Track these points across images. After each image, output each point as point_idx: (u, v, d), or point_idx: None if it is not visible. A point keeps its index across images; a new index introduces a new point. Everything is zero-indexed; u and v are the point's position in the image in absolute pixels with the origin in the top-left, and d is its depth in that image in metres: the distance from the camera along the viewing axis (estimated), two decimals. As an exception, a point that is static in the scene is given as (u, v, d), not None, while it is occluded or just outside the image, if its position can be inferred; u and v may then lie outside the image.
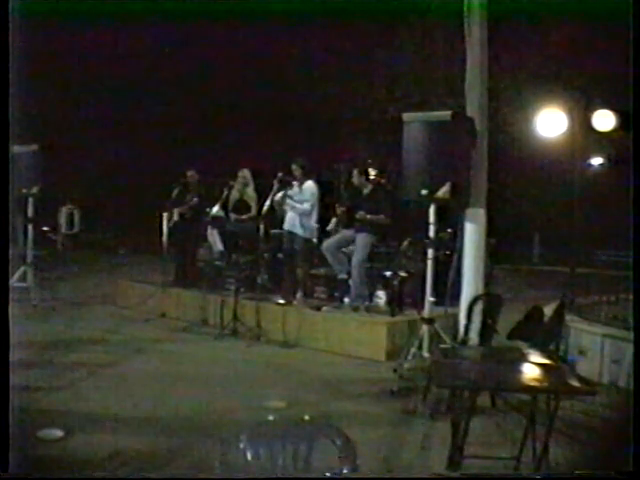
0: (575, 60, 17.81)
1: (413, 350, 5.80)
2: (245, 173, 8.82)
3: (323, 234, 8.21)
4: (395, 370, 5.85)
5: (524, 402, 4.31)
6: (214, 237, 8.60)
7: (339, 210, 7.99)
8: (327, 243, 7.85)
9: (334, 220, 8.21)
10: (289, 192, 7.89)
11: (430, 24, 18.08)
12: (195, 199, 9.10)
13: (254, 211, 8.56)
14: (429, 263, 5.93)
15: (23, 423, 4.09)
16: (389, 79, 19.71)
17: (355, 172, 7.70)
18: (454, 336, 5.64)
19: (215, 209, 8.55)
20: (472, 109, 5.91)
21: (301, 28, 18.33)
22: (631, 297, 5.90)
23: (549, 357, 3.57)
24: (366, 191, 7.66)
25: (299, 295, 8.00)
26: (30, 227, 9.72)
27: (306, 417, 2.35)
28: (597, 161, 14.88)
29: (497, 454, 3.95)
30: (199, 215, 8.97)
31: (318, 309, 7.68)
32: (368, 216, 7.36)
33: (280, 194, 7.89)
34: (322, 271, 8.33)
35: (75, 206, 18.09)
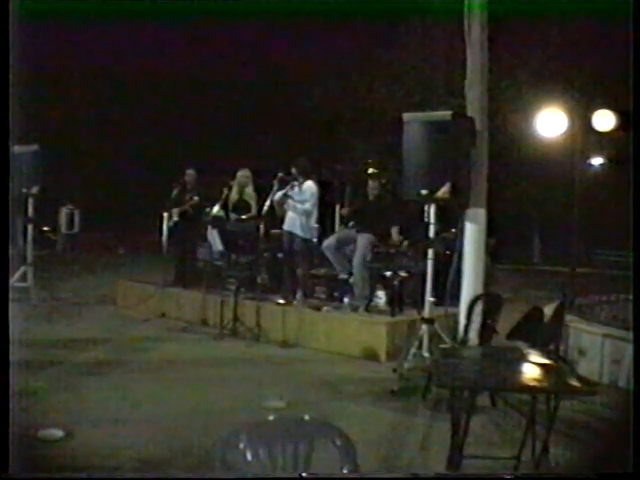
0: (575, 60, 17.83)
1: (413, 350, 5.80)
2: (245, 173, 8.81)
3: (323, 234, 8.20)
4: (395, 370, 5.85)
5: (524, 402, 4.31)
6: (214, 237, 8.58)
7: (342, 211, 8.00)
8: (327, 242, 7.85)
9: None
10: (289, 192, 7.88)
11: (430, 24, 18.12)
12: (195, 198, 9.09)
13: (254, 211, 8.55)
14: (429, 263, 5.94)
15: (23, 423, 4.10)
16: (389, 79, 19.72)
17: (368, 172, 7.70)
18: (454, 336, 5.64)
19: (215, 209, 8.54)
20: (472, 109, 5.91)
21: (301, 28, 18.38)
22: (631, 297, 5.90)
23: (549, 357, 3.57)
24: (372, 195, 7.68)
25: (299, 295, 7.99)
26: (30, 227, 9.72)
27: (306, 417, 2.34)
28: (597, 161, 14.89)
29: (497, 454, 3.95)
30: (199, 215, 8.96)
31: (318, 309, 7.68)
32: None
33: (280, 194, 7.88)
34: (322, 271, 8.32)
35: (75, 206, 18.10)
